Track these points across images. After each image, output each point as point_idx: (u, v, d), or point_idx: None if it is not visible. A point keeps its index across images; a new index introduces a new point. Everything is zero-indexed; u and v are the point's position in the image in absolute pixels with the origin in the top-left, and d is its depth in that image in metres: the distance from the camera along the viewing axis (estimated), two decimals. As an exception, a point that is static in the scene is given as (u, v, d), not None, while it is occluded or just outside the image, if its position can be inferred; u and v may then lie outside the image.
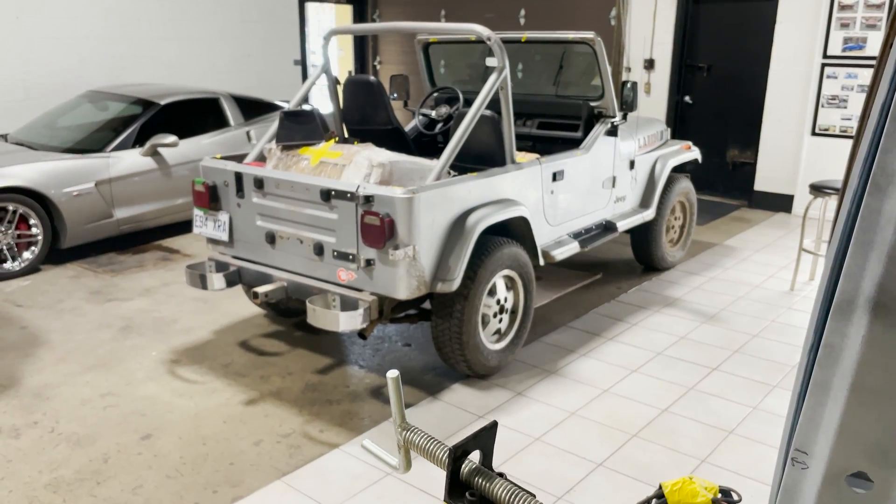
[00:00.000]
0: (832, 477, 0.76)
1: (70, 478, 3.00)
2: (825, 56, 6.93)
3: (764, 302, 5.06)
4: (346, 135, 4.72)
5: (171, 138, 5.97)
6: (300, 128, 4.00)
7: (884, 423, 0.72)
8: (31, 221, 5.37)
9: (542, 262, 4.14)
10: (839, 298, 0.72)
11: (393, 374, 1.04)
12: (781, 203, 7.61)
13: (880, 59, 1.23)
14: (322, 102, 10.83)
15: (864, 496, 0.75)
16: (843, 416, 0.74)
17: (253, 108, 7.04)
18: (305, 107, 4.95)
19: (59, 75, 7.62)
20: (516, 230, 4.01)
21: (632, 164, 5.06)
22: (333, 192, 3.44)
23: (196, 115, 6.59)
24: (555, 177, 4.25)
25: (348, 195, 3.40)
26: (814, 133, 7.16)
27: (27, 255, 5.42)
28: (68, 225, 5.54)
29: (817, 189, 5.01)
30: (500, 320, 3.93)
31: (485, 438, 0.90)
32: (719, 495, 1.39)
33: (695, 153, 5.68)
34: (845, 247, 0.77)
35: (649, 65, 8.23)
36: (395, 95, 5.13)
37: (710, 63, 7.98)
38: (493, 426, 0.95)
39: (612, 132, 4.73)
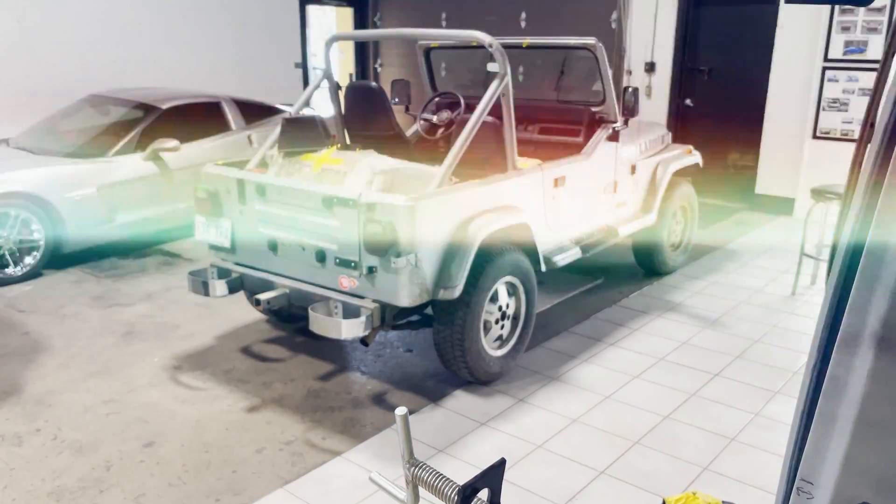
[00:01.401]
0: (837, 507, 0.76)
1: (73, 486, 3.01)
2: (826, 59, 6.93)
3: (765, 306, 5.06)
4: (348, 140, 4.72)
5: (173, 143, 5.97)
6: (302, 134, 4.00)
7: (889, 455, 0.72)
8: (33, 226, 5.38)
9: (543, 267, 4.15)
10: (844, 332, 0.72)
11: (401, 411, 1.06)
12: (783, 206, 7.61)
13: (882, 67, 1.23)
14: (324, 105, 10.82)
15: (870, 527, 0.75)
16: (848, 448, 0.74)
17: (254, 112, 7.05)
18: (307, 111, 4.95)
19: (60, 80, 7.62)
20: (518, 236, 4.01)
21: (633, 169, 5.06)
22: (335, 200, 3.45)
23: (198, 119, 6.59)
24: (556, 182, 4.25)
25: (350, 202, 3.40)
26: (815, 136, 7.16)
27: (29, 260, 5.42)
28: (70, 230, 5.54)
29: (819, 193, 5.01)
30: (502, 326, 3.93)
31: (493, 476, 0.91)
32: (723, 512, 1.39)
33: (696, 157, 5.68)
34: (845, 279, 0.77)
35: (650, 68, 8.23)
36: (397, 100, 5.13)
37: (710, 66, 7.98)
38: (501, 464, 0.95)
39: (614, 137, 4.73)
